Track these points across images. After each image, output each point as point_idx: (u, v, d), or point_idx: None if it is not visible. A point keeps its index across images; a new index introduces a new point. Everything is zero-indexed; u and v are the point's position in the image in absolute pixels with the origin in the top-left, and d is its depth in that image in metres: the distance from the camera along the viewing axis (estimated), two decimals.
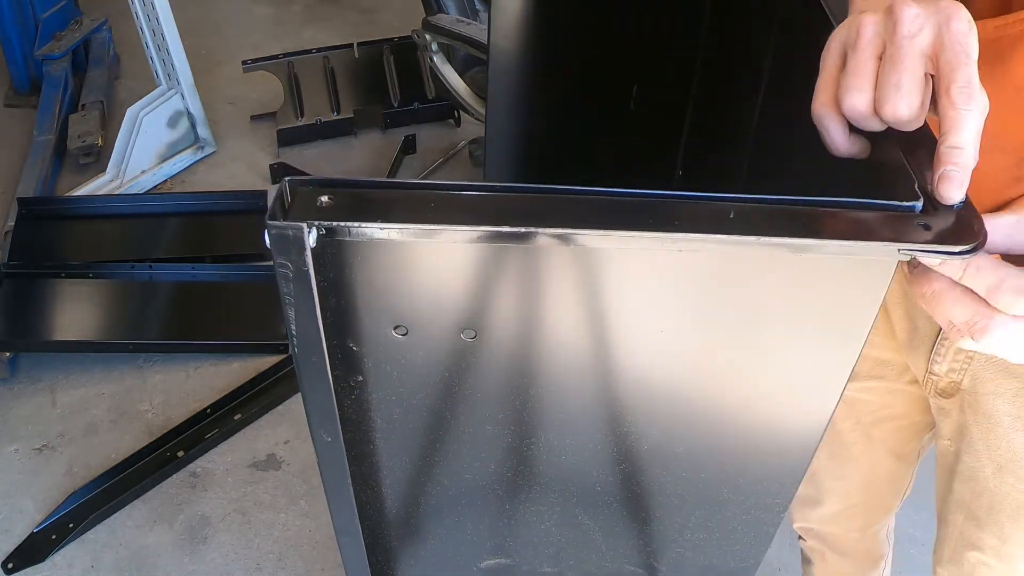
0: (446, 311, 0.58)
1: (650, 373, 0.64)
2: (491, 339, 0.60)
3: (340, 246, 0.52)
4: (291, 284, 0.51)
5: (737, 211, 0.50)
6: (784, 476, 0.72)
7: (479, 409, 0.67)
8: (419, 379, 0.63)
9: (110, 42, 3.20)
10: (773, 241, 0.49)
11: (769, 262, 0.54)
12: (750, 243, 0.49)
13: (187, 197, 2.60)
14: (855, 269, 0.53)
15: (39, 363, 2.17)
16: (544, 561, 0.86)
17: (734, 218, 0.50)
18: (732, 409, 0.66)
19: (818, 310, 0.57)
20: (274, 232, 0.48)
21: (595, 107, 1.34)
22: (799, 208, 0.51)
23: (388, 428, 0.68)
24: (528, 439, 0.70)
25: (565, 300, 0.58)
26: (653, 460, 0.71)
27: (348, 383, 0.63)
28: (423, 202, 0.50)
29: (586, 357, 0.62)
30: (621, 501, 0.76)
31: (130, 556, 1.81)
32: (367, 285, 0.56)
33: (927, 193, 0.52)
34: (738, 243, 0.49)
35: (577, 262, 0.55)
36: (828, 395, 0.63)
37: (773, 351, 0.61)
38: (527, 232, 0.49)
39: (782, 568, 1.81)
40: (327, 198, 0.50)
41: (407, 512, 0.80)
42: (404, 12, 3.46)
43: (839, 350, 0.58)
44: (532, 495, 0.77)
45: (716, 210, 0.51)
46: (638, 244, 0.51)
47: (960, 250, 0.50)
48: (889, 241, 0.50)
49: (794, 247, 0.50)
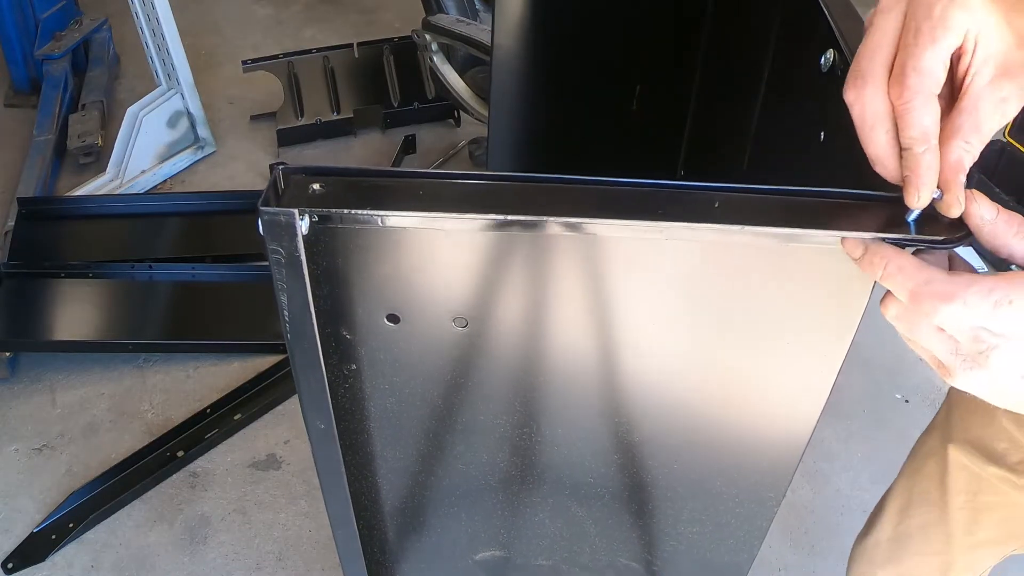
0: (437, 299, 0.59)
1: (642, 364, 0.64)
2: (482, 328, 0.61)
3: (333, 234, 0.53)
4: (283, 270, 0.52)
5: (722, 201, 0.51)
6: (776, 469, 0.72)
7: (472, 399, 0.67)
8: (412, 368, 0.64)
9: (110, 42, 3.20)
10: (756, 230, 0.50)
11: (759, 254, 0.54)
12: (734, 232, 0.49)
13: (187, 197, 2.60)
14: (843, 261, 0.53)
15: (39, 363, 2.17)
16: (538, 553, 0.87)
17: (719, 207, 0.50)
18: (724, 402, 0.67)
19: (809, 303, 0.57)
20: (266, 218, 0.49)
21: (598, 107, 1.34)
22: (784, 198, 0.52)
23: (382, 418, 0.69)
24: (521, 429, 0.70)
25: (557, 291, 0.58)
26: (646, 452, 0.71)
27: (342, 372, 0.64)
28: (412, 190, 0.51)
29: (578, 348, 0.63)
30: (614, 493, 0.77)
31: (130, 556, 1.81)
32: (360, 273, 0.56)
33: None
34: (722, 232, 0.50)
35: (568, 253, 0.55)
36: (818, 388, 0.63)
37: (765, 344, 0.61)
38: (512, 220, 0.50)
39: (782, 568, 1.81)
40: (319, 185, 0.50)
41: (402, 503, 0.80)
42: (404, 12, 3.46)
43: (829, 343, 0.58)
44: (526, 486, 0.77)
45: (702, 199, 0.51)
46: (624, 232, 0.52)
47: (944, 239, 0.51)
48: (874, 231, 0.50)
49: (777, 236, 0.51)
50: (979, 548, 1.07)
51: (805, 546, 1.85)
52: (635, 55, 1.27)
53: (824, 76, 0.74)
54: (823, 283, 0.55)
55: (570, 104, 1.34)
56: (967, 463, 1.00)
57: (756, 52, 1.02)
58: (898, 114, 0.52)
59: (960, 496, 1.03)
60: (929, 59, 0.51)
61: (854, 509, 1.89)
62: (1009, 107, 0.52)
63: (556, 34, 1.25)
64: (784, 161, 0.93)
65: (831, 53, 0.72)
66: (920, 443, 1.11)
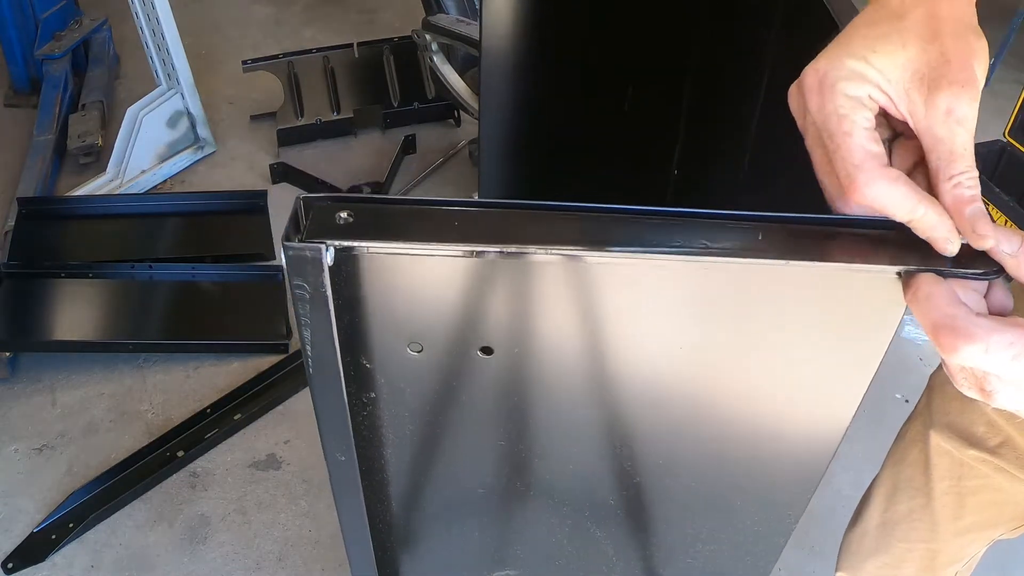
0: (462, 328, 0.57)
1: (666, 389, 0.63)
2: (506, 356, 0.59)
3: (355, 261, 0.50)
4: (307, 305, 0.50)
5: (765, 231, 0.49)
6: (797, 487, 0.71)
7: (492, 424, 0.66)
8: (432, 396, 0.62)
9: (110, 42, 3.20)
10: (800, 265, 0.48)
11: (786, 276, 0.53)
12: (780, 266, 0.48)
13: (187, 197, 2.60)
14: (875, 283, 0.52)
15: (39, 363, 2.17)
16: (552, 573, 0.86)
17: (763, 239, 0.49)
18: (749, 424, 0.65)
19: (836, 322, 0.56)
20: (291, 254, 0.47)
21: (589, 107, 1.33)
22: (821, 228, 0.50)
23: (399, 443, 0.67)
24: (541, 453, 0.69)
25: (581, 317, 0.56)
26: (667, 473, 0.70)
27: (360, 399, 0.62)
28: (444, 219, 0.48)
29: (601, 374, 0.61)
30: (633, 513, 0.75)
31: (130, 556, 1.80)
32: (382, 302, 0.54)
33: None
34: (768, 266, 0.48)
35: (594, 279, 0.54)
36: (844, 408, 0.62)
37: (790, 364, 0.60)
38: (550, 253, 0.48)
39: (782, 568, 1.81)
40: (346, 214, 0.48)
41: (416, 524, 0.79)
42: (404, 12, 3.46)
43: (857, 363, 0.57)
44: (544, 507, 0.76)
45: (744, 229, 0.49)
46: (665, 266, 0.50)
47: (983, 272, 0.49)
48: (911, 265, 0.49)
49: (820, 271, 0.49)
50: (965, 534, 1.07)
51: (805, 546, 1.84)
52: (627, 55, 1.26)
53: None
54: (852, 302, 0.54)
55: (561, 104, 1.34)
56: (949, 448, 1.00)
57: (756, 52, 1.02)
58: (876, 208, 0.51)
59: (944, 481, 1.03)
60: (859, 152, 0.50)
61: (854, 509, 1.89)
62: (958, 112, 0.49)
63: (545, 34, 1.25)
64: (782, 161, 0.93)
65: None
66: (903, 431, 1.12)
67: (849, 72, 0.51)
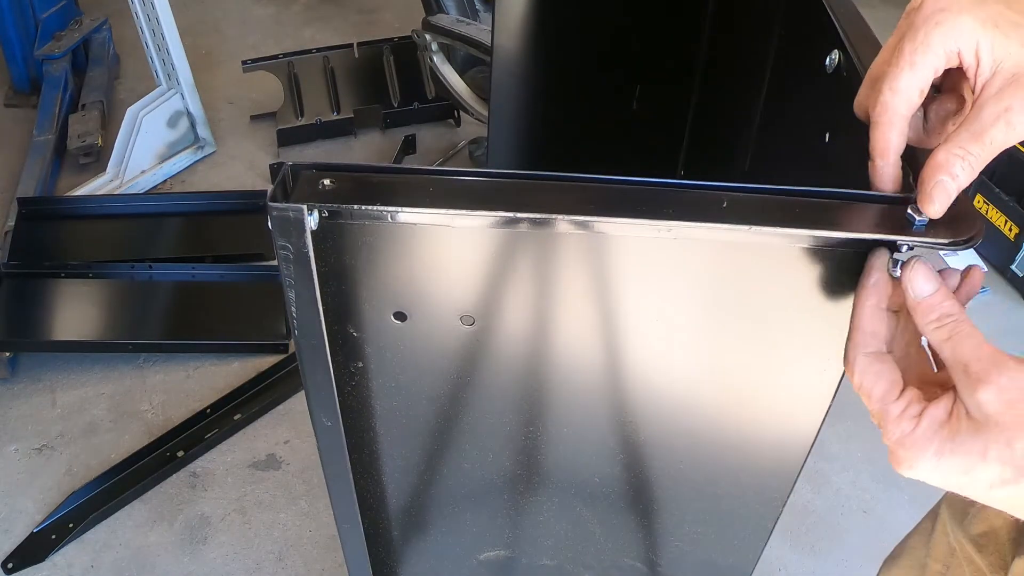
0: (445, 297, 0.59)
1: (649, 365, 0.64)
2: (489, 326, 0.61)
3: (341, 230, 0.53)
4: (291, 266, 0.52)
5: (731, 200, 0.51)
6: (782, 470, 0.72)
7: (478, 398, 0.67)
8: (418, 366, 0.64)
9: (110, 42, 3.20)
10: (763, 231, 0.50)
11: (766, 254, 0.54)
12: (742, 231, 0.49)
13: (187, 197, 2.60)
14: (852, 260, 0.53)
15: (39, 363, 2.17)
16: (543, 554, 0.86)
17: (727, 207, 0.50)
18: (730, 404, 0.67)
19: (816, 302, 0.57)
20: (275, 214, 0.49)
21: (597, 107, 1.34)
22: (790, 199, 0.52)
23: (388, 416, 0.69)
24: (526, 428, 0.70)
25: (564, 289, 0.58)
26: (651, 452, 0.71)
27: (348, 369, 0.64)
28: (423, 186, 0.51)
29: (584, 347, 0.63)
30: (619, 493, 0.77)
31: (130, 556, 1.81)
32: (367, 270, 0.57)
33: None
34: (730, 231, 0.50)
35: (576, 251, 0.55)
36: (824, 388, 0.63)
37: (771, 344, 0.61)
38: (522, 217, 0.50)
39: (782, 568, 1.81)
40: (329, 181, 0.51)
41: (407, 503, 0.80)
42: (404, 12, 3.47)
43: (837, 343, 0.58)
44: (531, 486, 0.77)
45: (710, 198, 0.51)
46: (632, 231, 0.52)
47: (952, 241, 0.50)
48: (880, 233, 0.50)
49: (778, 235, 0.51)
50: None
51: (805, 546, 1.85)
52: (635, 55, 1.27)
53: (829, 77, 0.74)
54: (831, 281, 0.55)
55: (570, 104, 1.34)
56: (948, 529, 0.90)
57: (758, 52, 1.02)
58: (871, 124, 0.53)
59: (938, 564, 0.94)
60: (904, 81, 0.52)
61: (854, 509, 1.89)
62: (1014, 117, 0.50)
63: (556, 34, 1.25)
64: (787, 162, 0.93)
65: (836, 54, 0.72)
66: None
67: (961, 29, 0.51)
